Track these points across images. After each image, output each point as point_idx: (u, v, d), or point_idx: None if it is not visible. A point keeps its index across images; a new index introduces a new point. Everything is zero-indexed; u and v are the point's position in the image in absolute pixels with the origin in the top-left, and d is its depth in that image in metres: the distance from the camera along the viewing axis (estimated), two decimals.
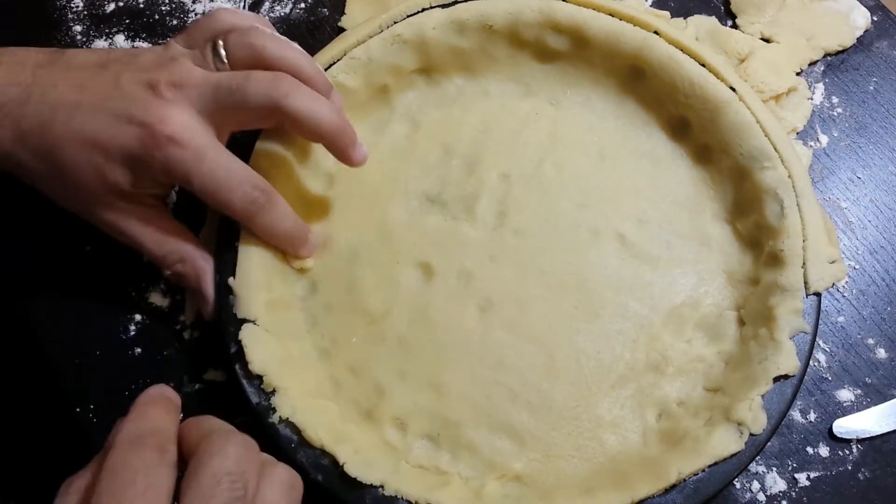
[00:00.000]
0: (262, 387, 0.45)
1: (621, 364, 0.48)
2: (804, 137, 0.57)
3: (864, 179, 0.56)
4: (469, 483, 0.45)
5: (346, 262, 0.51)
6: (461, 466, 0.46)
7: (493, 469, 0.45)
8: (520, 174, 0.53)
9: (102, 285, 0.53)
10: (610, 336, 0.48)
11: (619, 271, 0.50)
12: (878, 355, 0.51)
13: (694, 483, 0.42)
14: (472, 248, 0.51)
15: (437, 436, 0.46)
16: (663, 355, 0.48)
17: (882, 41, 0.61)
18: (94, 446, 0.48)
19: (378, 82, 0.54)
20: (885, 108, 0.58)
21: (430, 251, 0.51)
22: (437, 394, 0.47)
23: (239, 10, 0.50)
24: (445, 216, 0.52)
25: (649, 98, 0.53)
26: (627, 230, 0.51)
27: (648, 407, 0.47)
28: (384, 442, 0.46)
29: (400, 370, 0.48)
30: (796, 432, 0.49)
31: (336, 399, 0.48)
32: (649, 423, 0.46)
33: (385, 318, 0.49)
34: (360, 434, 0.46)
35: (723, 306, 0.49)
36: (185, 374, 0.51)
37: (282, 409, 0.44)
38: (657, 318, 0.49)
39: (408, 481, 0.43)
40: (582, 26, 0.52)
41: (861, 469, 0.48)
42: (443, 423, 0.47)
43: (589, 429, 0.46)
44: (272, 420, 0.44)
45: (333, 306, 0.50)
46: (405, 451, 0.46)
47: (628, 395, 0.47)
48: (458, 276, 0.50)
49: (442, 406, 0.47)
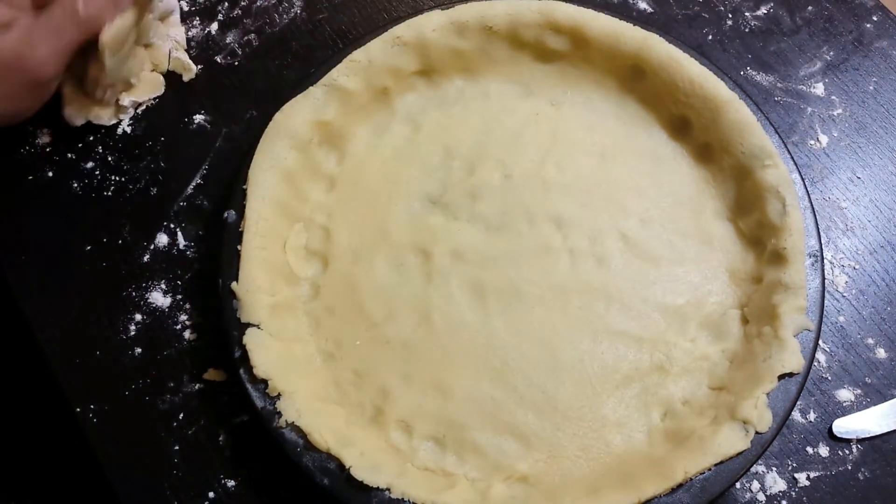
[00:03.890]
0: (267, 391, 0.45)
1: (625, 364, 0.48)
2: (805, 137, 0.57)
3: (864, 179, 0.56)
4: (475, 484, 0.45)
5: (348, 264, 0.51)
6: (467, 468, 0.46)
7: (498, 470, 0.45)
8: (521, 174, 0.53)
9: (102, 285, 0.53)
10: (614, 336, 0.48)
11: (622, 271, 0.50)
12: (877, 355, 0.51)
13: (700, 482, 0.42)
14: (475, 250, 0.51)
15: (443, 438, 0.46)
16: (667, 355, 0.48)
17: (882, 41, 0.61)
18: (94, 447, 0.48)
19: (378, 84, 0.54)
20: (884, 108, 0.58)
21: (432, 251, 0.51)
22: (442, 396, 0.47)
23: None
24: (447, 217, 0.52)
25: (650, 97, 0.53)
26: (630, 230, 0.51)
27: (653, 406, 0.47)
28: (390, 445, 0.46)
29: (404, 373, 0.48)
30: (796, 432, 0.49)
31: (341, 402, 0.48)
32: (654, 422, 0.46)
33: (388, 321, 0.49)
34: (365, 437, 0.46)
35: (726, 305, 0.49)
36: (185, 374, 0.51)
37: (287, 413, 0.44)
38: (661, 317, 0.49)
39: (414, 484, 0.43)
40: (582, 26, 0.52)
41: (861, 469, 0.48)
42: (448, 425, 0.46)
43: (594, 429, 0.46)
44: (278, 424, 0.44)
45: (336, 309, 0.50)
46: (411, 453, 0.46)
47: (633, 395, 0.47)
48: (461, 277, 0.50)
49: (447, 408, 0.47)
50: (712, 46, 0.60)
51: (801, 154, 0.57)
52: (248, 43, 0.61)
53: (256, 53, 0.61)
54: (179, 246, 0.54)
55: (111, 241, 0.54)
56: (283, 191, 0.51)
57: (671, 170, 0.53)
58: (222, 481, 0.48)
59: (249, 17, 0.62)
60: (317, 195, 0.53)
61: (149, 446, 0.49)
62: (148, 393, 0.50)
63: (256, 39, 0.61)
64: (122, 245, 0.54)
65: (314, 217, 0.53)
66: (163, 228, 0.55)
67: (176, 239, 0.55)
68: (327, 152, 0.54)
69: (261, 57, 0.60)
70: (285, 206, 0.51)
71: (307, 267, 0.52)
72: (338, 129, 0.54)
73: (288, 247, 0.51)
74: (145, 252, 0.54)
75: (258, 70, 0.60)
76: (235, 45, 0.61)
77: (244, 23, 0.62)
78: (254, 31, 0.61)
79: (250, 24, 0.62)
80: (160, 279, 0.53)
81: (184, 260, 0.54)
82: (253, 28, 0.61)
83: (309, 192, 0.53)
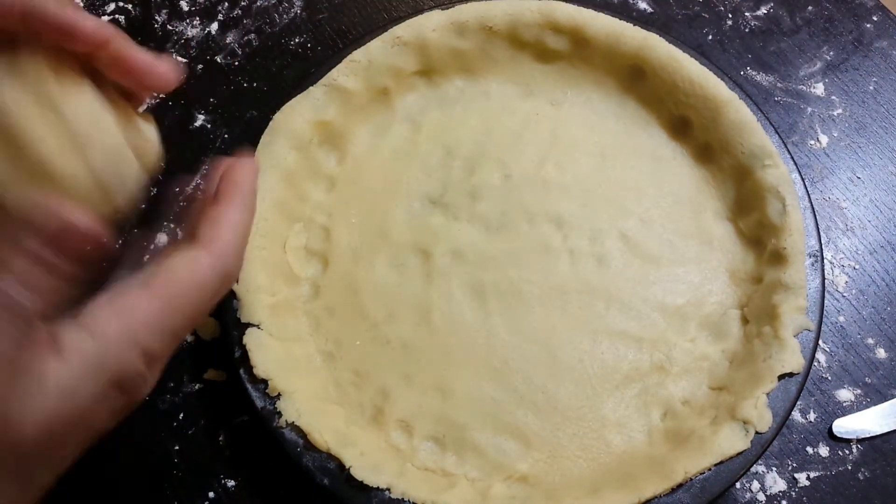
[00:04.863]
0: (267, 391, 0.45)
1: (625, 364, 0.48)
2: (805, 137, 0.57)
3: (864, 179, 0.57)
4: (475, 484, 0.45)
5: (348, 264, 0.51)
6: (467, 468, 0.46)
7: (499, 470, 0.45)
8: (521, 175, 0.53)
9: None
10: (614, 336, 0.48)
11: (622, 271, 0.50)
12: (877, 355, 0.51)
13: (700, 482, 0.42)
14: (475, 250, 0.51)
15: (443, 438, 0.46)
16: (667, 355, 0.48)
17: (882, 41, 0.61)
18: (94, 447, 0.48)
19: (378, 85, 0.54)
20: (884, 108, 0.59)
21: (433, 251, 0.51)
22: (442, 396, 0.47)
23: None
24: (447, 217, 0.52)
25: (650, 97, 0.53)
26: (630, 230, 0.51)
27: (653, 406, 0.47)
28: (390, 445, 0.46)
29: (404, 373, 0.48)
30: (796, 432, 0.49)
31: (341, 402, 0.48)
32: (654, 422, 0.46)
33: (388, 321, 0.49)
34: (365, 437, 0.46)
35: (726, 305, 0.49)
36: (185, 374, 0.51)
37: (287, 413, 0.44)
38: (661, 317, 0.49)
39: (414, 484, 0.43)
40: (582, 26, 0.53)
41: (861, 469, 0.48)
42: (448, 425, 0.46)
43: (594, 429, 0.46)
44: (278, 424, 0.44)
45: (336, 309, 0.50)
46: (411, 453, 0.46)
47: (633, 395, 0.47)
48: (461, 277, 0.50)
49: (447, 408, 0.47)
50: (712, 46, 0.60)
51: (801, 154, 0.57)
52: (248, 43, 0.61)
53: (256, 53, 0.61)
54: None
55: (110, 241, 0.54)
56: (283, 191, 0.51)
57: (671, 170, 0.53)
58: (222, 481, 0.48)
59: (249, 17, 0.62)
60: (317, 195, 0.53)
61: (149, 446, 0.49)
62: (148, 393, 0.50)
63: (256, 39, 0.61)
64: (121, 245, 0.54)
65: (314, 217, 0.53)
66: (163, 228, 0.55)
67: (176, 239, 0.54)
68: (327, 152, 0.54)
69: (261, 57, 0.61)
70: (285, 206, 0.51)
71: (307, 267, 0.52)
72: (338, 129, 0.54)
73: (288, 247, 0.51)
74: (145, 252, 0.54)
75: (258, 70, 0.60)
76: (235, 45, 0.61)
77: (244, 23, 0.62)
78: (254, 31, 0.61)
79: (250, 24, 0.62)
80: None
81: None
82: (253, 28, 0.61)
83: (309, 193, 0.53)
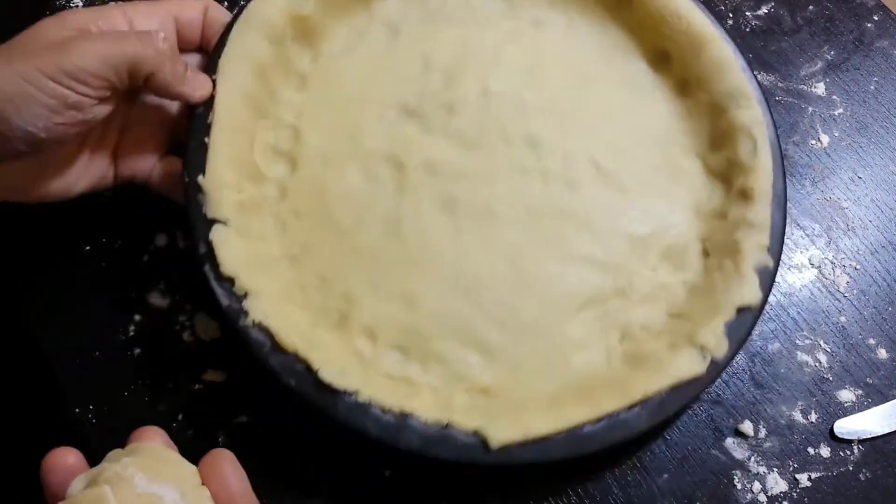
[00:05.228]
0: (234, 290, 0.44)
1: (589, 288, 0.49)
2: (806, 137, 0.58)
3: (865, 179, 0.57)
4: (438, 394, 0.45)
5: (317, 168, 0.50)
6: (430, 377, 0.46)
7: (461, 381, 0.46)
8: (499, 92, 0.52)
9: (102, 285, 0.52)
10: (579, 261, 0.49)
11: (592, 197, 0.51)
12: (879, 355, 0.52)
13: (658, 399, 0.44)
14: (449, 165, 0.50)
15: (407, 347, 0.46)
16: (629, 282, 0.49)
17: (882, 41, 0.62)
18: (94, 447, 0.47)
19: None
20: (885, 108, 0.59)
21: (405, 162, 0.50)
22: (408, 306, 0.47)
23: None
24: (422, 129, 0.51)
25: (634, 27, 0.53)
26: (601, 157, 0.51)
27: (612, 329, 0.48)
28: (354, 351, 0.46)
29: (371, 281, 0.48)
30: (797, 433, 0.50)
31: (305, 306, 0.47)
32: (612, 344, 0.48)
33: (356, 228, 0.49)
34: (330, 342, 0.46)
35: (689, 237, 0.50)
36: (184, 374, 0.50)
37: (254, 313, 0.43)
38: (625, 245, 0.50)
39: (380, 390, 0.43)
40: None
41: (862, 469, 0.49)
42: (413, 335, 0.47)
43: (556, 346, 0.47)
44: (244, 324, 0.43)
45: (303, 213, 0.49)
46: (375, 361, 0.46)
47: (594, 318, 0.48)
48: (433, 191, 0.49)
49: (413, 318, 0.47)
50: None
51: (802, 154, 0.58)
52: None
53: None
54: (179, 246, 0.53)
55: (110, 241, 0.53)
56: (253, 84, 0.49)
57: (648, 101, 0.53)
58: None
59: None
60: (288, 93, 0.51)
61: None
62: (148, 393, 0.49)
63: None
64: (121, 245, 0.53)
65: (283, 116, 0.51)
66: (162, 228, 0.53)
67: (175, 239, 0.53)
68: (301, 49, 0.52)
69: None
70: (254, 101, 0.49)
71: (274, 167, 0.50)
72: (314, 26, 0.51)
73: (255, 144, 0.49)
74: (144, 252, 0.52)
75: None
76: None
77: None
78: None
79: None
80: (160, 279, 0.52)
81: (183, 260, 0.52)
82: None
83: (280, 89, 0.51)
